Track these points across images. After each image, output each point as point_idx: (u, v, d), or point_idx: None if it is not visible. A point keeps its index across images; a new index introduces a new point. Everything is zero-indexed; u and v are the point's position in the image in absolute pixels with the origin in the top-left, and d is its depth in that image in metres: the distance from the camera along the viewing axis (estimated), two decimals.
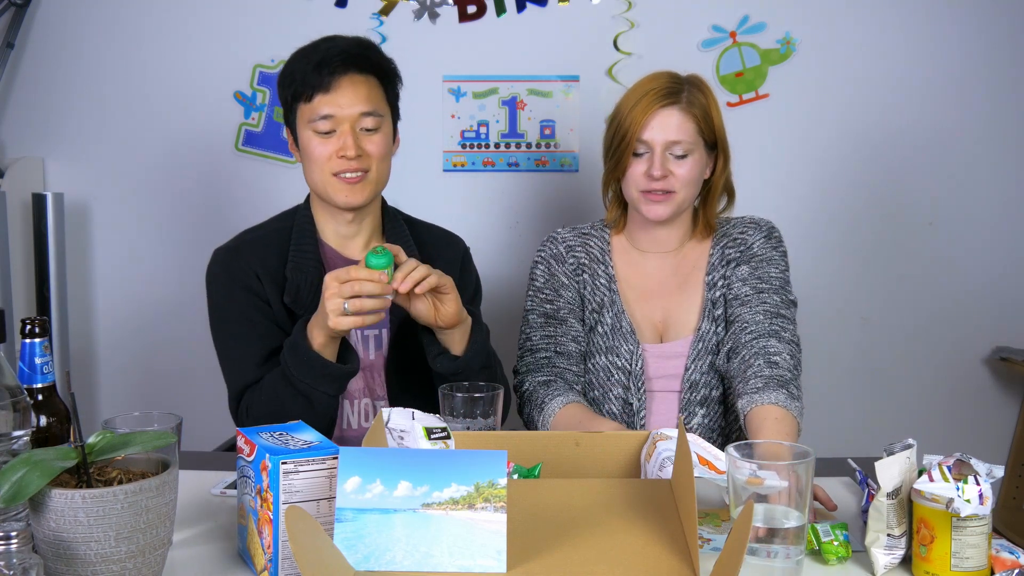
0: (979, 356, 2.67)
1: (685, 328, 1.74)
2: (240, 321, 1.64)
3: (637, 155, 1.68)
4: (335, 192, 1.63)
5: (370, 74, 1.65)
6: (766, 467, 1.01)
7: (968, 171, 2.60)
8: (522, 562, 0.96)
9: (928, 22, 2.55)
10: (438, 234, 1.83)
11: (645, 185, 1.68)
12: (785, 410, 1.47)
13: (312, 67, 1.61)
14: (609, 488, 1.10)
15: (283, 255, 1.67)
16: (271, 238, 1.70)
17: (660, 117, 1.66)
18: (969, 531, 1.04)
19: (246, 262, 1.66)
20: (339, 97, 1.61)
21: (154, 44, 2.56)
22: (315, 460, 1.05)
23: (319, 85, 1.60)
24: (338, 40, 1.66)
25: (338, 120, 1.61)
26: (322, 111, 1.61)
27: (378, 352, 1.70)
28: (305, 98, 1.62)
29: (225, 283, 1.67)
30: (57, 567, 0.97)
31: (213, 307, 1.69)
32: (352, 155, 1.60)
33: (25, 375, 1.16)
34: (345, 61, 1.62)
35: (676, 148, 1.67)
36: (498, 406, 1.40)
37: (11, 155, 2.57)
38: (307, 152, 1.64)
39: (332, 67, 1.60)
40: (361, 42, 1.68)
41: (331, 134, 1.62)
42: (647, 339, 1.74)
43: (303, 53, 1.66)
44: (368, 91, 1.64)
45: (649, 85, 1.70)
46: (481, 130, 2.57)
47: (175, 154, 2.59)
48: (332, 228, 1.71)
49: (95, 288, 2.65)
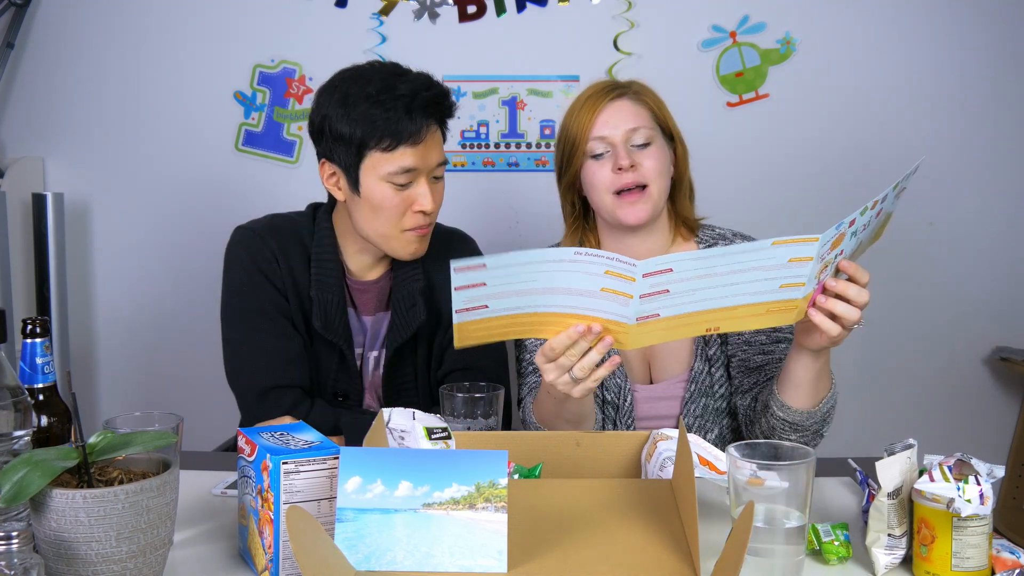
0: (979, 356, 2.67)
1: (677, 366, 1.65)
2: (262, 313, 1.59)
3: (597, 157, 1.58)
4: (401, 246, 1.57)
5: (444, 121, 1.58)
6: (766, 467, 1.01)
7: (968, 171, 2.60)
8: (523, 562, 0.96)
9: (928, 22, 2.55)
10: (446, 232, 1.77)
11: (616, 184, 1.55)
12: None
13: (401, 114, 1.48)
14: (610, 488, 1.10)
15: (304, 254, 1.62)
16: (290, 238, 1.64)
17: (611, 110, 1.58)
18: (970, 531, 1.04)
19: (270, 247, 1.61)
20: (424, 150, 1.51)
21: (154, 44, 2.56)
22: (316, 460, 1.05)
23: (407, 136, 1.48)
24: (413, 78, 1.53)
25: (419, 173, 1.52)
26: (405, 163, 1.50)
27: (376, 372, 1.70)
28: (385, 147, 1.49)
29: (242, 264, 1.61)
30: (58, 567, 0.97)
31: (232, 291, 1.63)
32: (430, 210, 1.54)
33: (26, 375, 1.16)
34: (431, 111, 1.52)
35: (636, 136, 1.56)
36: (499, 406, 1.40)
37: (11, 155, 2.57)
38: (376, 203, 1.53)
39: (424, 116, 1.50)
40: (442, 88, 1.56)
41: (407, 185, 1.53)
42: (636, 376, 1.65)
43: (375, 95, 1.49)
44: (440, 137, 1.57)
45: (590, 88, 1.63)
46: (481, 130, 2.57)
47: (175, 154, 2.59)
48: (353, 249, 1.65)
49: (95, 288, 2.65)
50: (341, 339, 1.61)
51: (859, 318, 1.26)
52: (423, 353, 1.69)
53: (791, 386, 1.42)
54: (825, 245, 1.19)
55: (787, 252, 1.17)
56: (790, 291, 1.21)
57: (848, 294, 1.25)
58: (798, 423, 1.44)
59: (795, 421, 1.44)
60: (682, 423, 1.22)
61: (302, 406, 1.57)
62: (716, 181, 2.12)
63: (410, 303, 1.63)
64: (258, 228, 1.65)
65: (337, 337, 1.60)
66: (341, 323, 1.60)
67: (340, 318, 1.61)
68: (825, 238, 1.17)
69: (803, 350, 1.37)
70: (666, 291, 1.18)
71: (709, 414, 1.63)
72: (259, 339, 1.59)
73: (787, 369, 1.42)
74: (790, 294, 1.21)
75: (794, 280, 1.20)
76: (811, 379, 1.39)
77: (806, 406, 1.42)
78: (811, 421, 1.44)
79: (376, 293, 1.68)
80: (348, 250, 1.66)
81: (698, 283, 1.18)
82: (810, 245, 1.16)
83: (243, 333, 1.61)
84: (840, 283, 1.26)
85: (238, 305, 1.62)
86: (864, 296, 1.26)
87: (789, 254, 1.17)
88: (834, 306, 1.25)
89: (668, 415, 1.64)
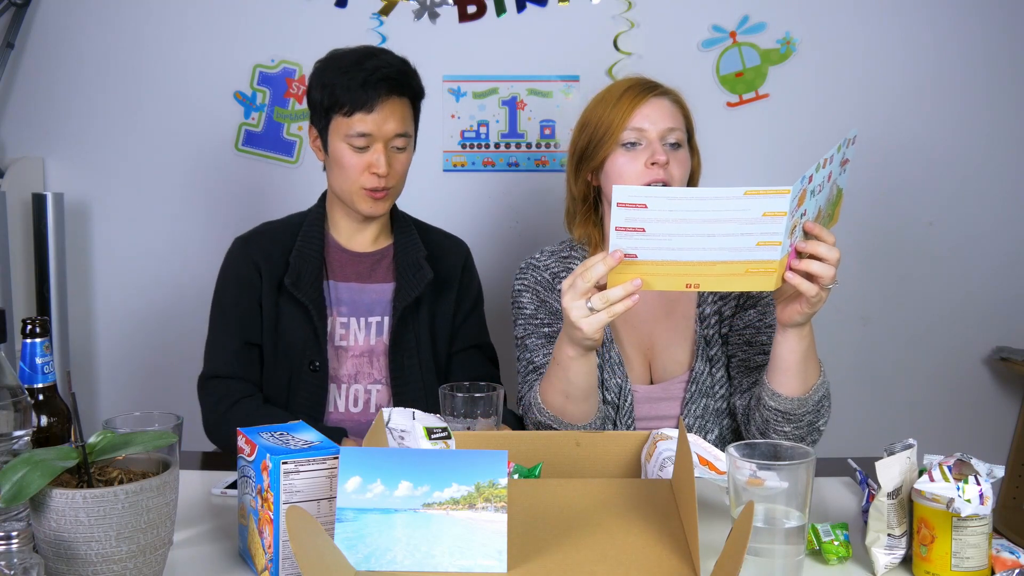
0: (979, 356, 2.67)
1: (677, 366, 1.66)
2: (226, 310, 1.76)
3: (629, 147, 1.58)
4: (359, 202, 1.73)
5: (406, 97, 1.73)
6: (766, 467, 1.01)
7: (968, 171, 2.60)
8: (523, 562, 0.96)
9: (928, 22, 2.55)
10: (443, 236, 1.91)
11: (645, 177, 1.55)
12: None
13: (357, 85, 1.66)
14: (609, 488, 1.10)
15: (289, 247, 1.77)
16: (282, 231, 1.81)
17: (652, 105, 1.59)
18: (970, 531, 1.04)
19: (250, 253, 1.77)
20: (379, 118, 1.68)
21: (154, 44, 2.56)
22: (316, 460, 1.05)
23: (361, 104, 1.67)
24: (382, 59, 1.71)
25: (374, 139, 1.69)
26: (360, 128, 1.68)
27: (379, 338, 1.78)
28: (344, 112, 1.68)
29: (225, 273, 1.79)
30: (58, 567, 0.97)
31: (214, 293, 1.80)
32: (383, 172, 1.69)
33: (26, 375, 1.16)
34: (390, 87, 1.69)
35: (671, 136, 1.58)
36: (499, 406, 1.40)
37: (11, 155, 2.57)
38: (338, 161, 1.72)
39: (377, 90, 1.67)
40: (404, 67, 1.74)
41: (364, 149, 1.70)
42: (636, 377, 1.65)
43: (344, 67, 1.69)
44: (403, 113, 1.72)
45: (630, 81, 1.64)
46: (481, 130, 2.57)
47: (175, 154, 2.59)
48: (346, 223, 1.81)
49: (95, 288, 2.65)
50: (309, 301, 1.73)
51: (834, 275, 1.30)
52: (425, 319, 1.80)
53: (779, 372, 1.43)
54: (794, 200, 1.22)
55: (760, 205, 1.21)
56: (767, 251, 1.24)
57: (820, 252, 1.29)
58: (790, 412, 1.44)
59: (786, 410, 1.44)
60: (682, 423, 1.22)
61: (227, 399, 1.70)
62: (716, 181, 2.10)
63: (416, 268, 1.79)
64: (245, 235, 1.83)
65: (305, 297, 1.72)
66: (313, 288, 1.74)
67: (312, 283, 1.74)
68: (794, 191, 1.21)
69: (787, 330, 1.39)
70: (642, 229, 1.23)
71: (710, 415, 1.63)
72: (216, 332, 1.77)
73: (774, 354, 1.44)
74: (767, 254, 1.24)
75: (770, 238, 1.23)
76: (798, 361, 1.41)
77: (796, 392, 1.43)
78: (803, 410, 1.44)
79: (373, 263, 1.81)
80: (339, 223, 1.81)
81: (674, 227, 1.23)
82: (782, 198, 1.20)
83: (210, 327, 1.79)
84: (810, 243, 1.29)
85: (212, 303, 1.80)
86: (835, 253, 1.30)
87: (763, 207, 1.21)
88: (808, 266, 1.28)
89: (668, 415, 1.64)
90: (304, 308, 1.73)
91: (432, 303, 1.81)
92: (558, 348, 1.42)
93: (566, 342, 1.39)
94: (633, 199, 1.22)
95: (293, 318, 1.74)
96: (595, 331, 1.31)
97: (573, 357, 1.39)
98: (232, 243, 1.82)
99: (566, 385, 1.44)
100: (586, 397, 1.45)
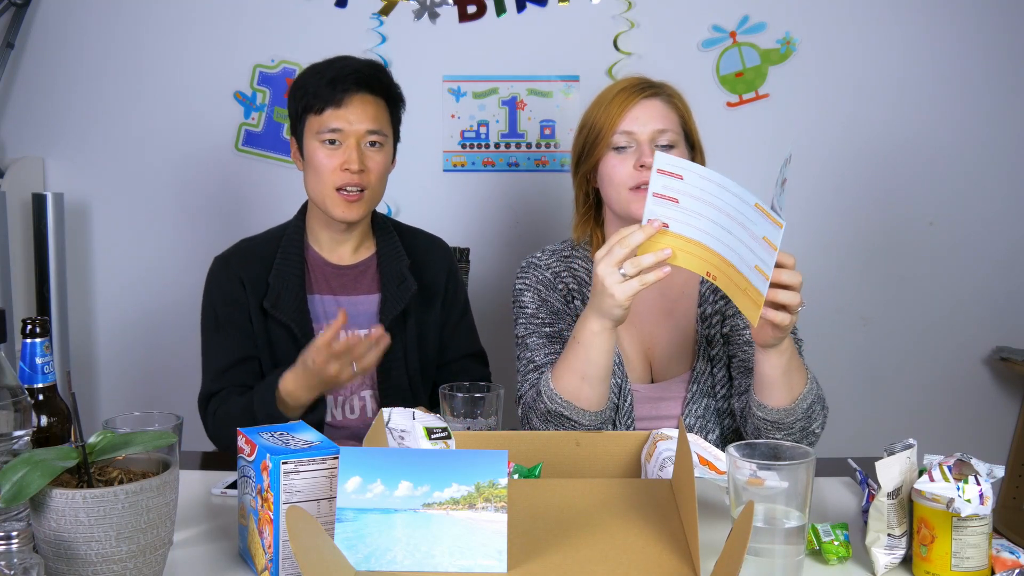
0: (979, 356, 2.67)
1: (678, 365, 1.65)
2: (215, 331, 1.75)
3: (619, 150, 1.58)
4: (333, 206, 1.71)
5: (379, 96, 1.73)
6: (766, 467, 1.01)
7: (968, 171, 2.60)
8: (523, 562, 0.96)
9: (928, 22, 2.56)
10: (425, 240, 1.89)
11: (634, 179, 1.55)
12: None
13: (326, 82, 1.69)
14: (609, 488, 1.10)
15: (270, 263, 1.76)
16: (262, 247, 1.79)
17: (642, 107, 1.59)
18: (970, 531, 1.04)
19: (234, 271, 1.76)
20: (349, 113, 1.69)
21: (154, 44, 2.56)
22: (316, 460, 1.05)
23: (331, 100, 1.69)
24: (352, 60, 1.74)
25: (345, 134, 1.69)
26: (331, 124, 1.69)
27: None
28: (316, 111, 1.70)
29: (211, 292, 1.78)
30: (58, 567, 0.97)
31: (202, 314, 1.79)
32: (355, 168, 1.69)
33: (26, 375, 1.16)
34: (358, 81, 1.70)
35: (663, 138, 1.57)
36: (498, 406, 1.40)
37: (11, 155, 2.57)
38: (312, 162, 1.72)
39: (345, 85, 1.69)
40: (374, 65, 1.76)
41: (337, 147, 1.70)
42: (636, 376, 1.65)
43: (317, 69, 1.73)
44: (376, 111, 1.72)
45: (624, 83, 1.64)
46: (481, 130, 2.57)
47: (175, 154, 2.59)
48: (326, 235, 1.80)
49: (95, 288, 2.65)
50: (291, 320, 1.72)
51: (800, 299, 1.30)
52: (413, 330, 1.79)
53: (764, 386, 1.44)
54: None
55: (762, 226, 1.22)
56: (759, 280, 1.25)
57: (783, 280, 1.29)
58: (779, 421, 1.45)
59: (775, 420, 1.45)
60: (682, 423, 1.22)
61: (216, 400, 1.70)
62: None
63: (399, 279, 1.78)
64: (225, 254, 1.81)
65: (287, 317, 1.71)
66: (294, 305, 1.73)
67: (293, 301, 1.73)
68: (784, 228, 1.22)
69: (766, 350, 1.40)
70: (676, 200, 1.28)
71: (711, 414, 1.62)
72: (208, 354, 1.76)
73: (757, 371, 1.44)
74: (758, 283, 1.25)
75: (763, 268, 1.24)
76: (780, 375, 1.41)
77: (783, 403, 1.43)
78: (792, 419, 1.44)
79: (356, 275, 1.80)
80: (320, 235, 1.80)
81: (701, 207, 1.27)
82: (777, 231, 1.21)
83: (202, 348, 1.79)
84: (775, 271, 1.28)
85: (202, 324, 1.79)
86: (798, 277, 1.30)
87: (764, 230, 1.22)
88: (776, 296, 1.29)
89: (669, 415, 1.63)
90: (287, 327, 1.72)
91: (419, 313, 1.80)
92: (580, 326, 1.42)
93: (592, 316, 1.39)
94: (672, 168, 1.27)
95: (279, 336, 1.73)
96: (627, 298, 1.32)
97: (597, 332, 1.40)
98: (212, 262, 1.80)
99: (585, 365, 1.43)
100: (603, 379, 1.45)
